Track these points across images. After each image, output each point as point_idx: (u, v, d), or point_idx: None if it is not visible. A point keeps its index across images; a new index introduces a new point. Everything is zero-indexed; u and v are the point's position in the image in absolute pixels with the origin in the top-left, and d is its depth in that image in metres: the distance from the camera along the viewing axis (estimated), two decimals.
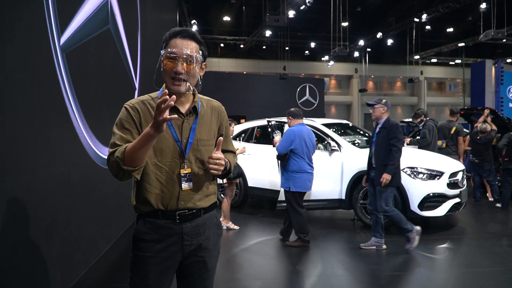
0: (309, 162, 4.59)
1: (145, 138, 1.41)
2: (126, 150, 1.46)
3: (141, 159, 1.47)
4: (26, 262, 2.52)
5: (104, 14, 4.01)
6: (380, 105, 4.41)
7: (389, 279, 3.62)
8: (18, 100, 2.39)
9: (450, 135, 7.03)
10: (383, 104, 4.41)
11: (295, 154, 4.54)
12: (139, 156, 1.45)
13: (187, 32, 1.61)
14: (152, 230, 1.61)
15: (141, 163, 1.49)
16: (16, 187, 2.36)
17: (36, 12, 2.61)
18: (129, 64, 5.16)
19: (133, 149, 1.44)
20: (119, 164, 1.46)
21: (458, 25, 26.91)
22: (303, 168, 4.53)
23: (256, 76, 21.38)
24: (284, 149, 4.56)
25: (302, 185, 4.52)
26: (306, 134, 4.62)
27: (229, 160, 1.76)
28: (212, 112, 1.74)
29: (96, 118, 3.79)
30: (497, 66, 15.17)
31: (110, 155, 1.51)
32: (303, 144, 4.55)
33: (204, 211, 1.69)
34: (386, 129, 4.33)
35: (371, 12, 24.90)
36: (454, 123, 7.17)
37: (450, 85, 35.81)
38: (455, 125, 7.11)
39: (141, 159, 1.47)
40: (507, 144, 6.51)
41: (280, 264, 4.16)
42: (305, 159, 4.56)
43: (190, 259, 1.67)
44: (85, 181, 3.53)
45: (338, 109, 33.39)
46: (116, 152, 1.48)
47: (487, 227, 5.63)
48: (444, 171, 5.12)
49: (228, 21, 26.09)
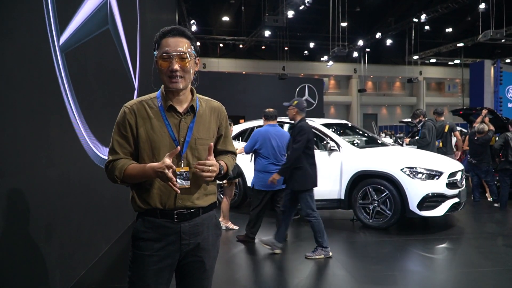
0: (275, 162, 4.61)
1: (145, 174, 1.56)
2: (125, 173, 1.59)
3: (138, 181, 1.63)
4: (25, 262, 2.52)
5: (103, 14, 4.01)
6: (292, 107, 4.33)
7: (388, 279, 3.62)
8: (18, 100, 2.39)
9: (444, 133, 7.06)
10: (294, 106, 4.31)
11: (259, 154, 4.68)
12: (136, 180, 1.62)
13: (177, 30, 1.63)
14: (150, 229, 1.62)
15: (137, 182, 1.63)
16: (15, 187, 2.36)
17: (35, 12, 2.61)
18: (129, 64, 5.16)
19: (131, 176, 1.60)
20: (116, 180, 1.61)
21: (457, 25, 26.95)
22: (267, 169, 4.60)
23: (255, 76, 21.39)
24: (248, 149, 4.78)
25: (263, 184, 4.60)
26: (273, 135, 4.68)
27: (226, 162, 1.76)
28: (212, 112, 1.75)
29: (96, 118, 3.79)
30: (496, 66, 15.20)
31: (109, 163, 1.63)
32: (268, 145, 4.63)
33: (203, 211, 1.69)
34: (293, 130, 4.28)
35: (370, 12, 24.93)
36: (445, 121, 7.21)
37: (449, 85, 35.87)
38: (447, 123, 7.15)
39: (137, 181, 1.62)
40: (503, 144, 6.53)
41: (279, 264, 4.16)
42: (271, 159, 4.63)
43: (188, 258, 1.68)
44: (84, 181, 3.53)
45: (337, 109, 33.43)
46: (116, 169, 1.60)
47: (486, 227, 5.64)
48: (443, 171, 5.13)
49: (227, 21, 26.10)
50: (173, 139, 1.63)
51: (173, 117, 1.65)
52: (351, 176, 5.38)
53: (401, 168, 5.09)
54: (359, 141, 6.62)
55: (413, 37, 24.33)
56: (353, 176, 5.37)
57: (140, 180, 1.60)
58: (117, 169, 1.59)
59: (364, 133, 7.00)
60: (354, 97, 32.28)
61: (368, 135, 6.93)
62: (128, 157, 1.64)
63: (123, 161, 1.61)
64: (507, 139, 6.49)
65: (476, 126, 6.98)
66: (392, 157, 5.45)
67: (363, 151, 5.69)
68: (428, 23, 22.19)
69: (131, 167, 1.59)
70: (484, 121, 7.23)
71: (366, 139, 6.85)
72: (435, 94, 35.72)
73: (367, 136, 6.92)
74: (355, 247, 4.64)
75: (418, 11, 21.11)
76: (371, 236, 4.99)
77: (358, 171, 5.33)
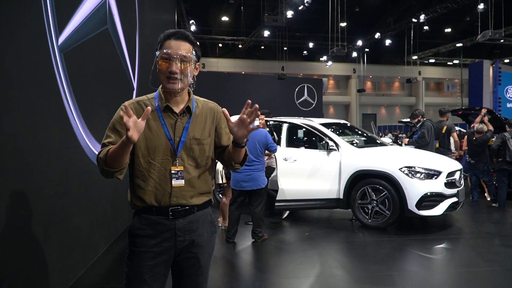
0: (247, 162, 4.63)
1: (121, 143, 1.49)
2: (108, 152, 1.55)
3: (120, 162, 1.54)
4: (24, 262, 2.52)
5: (102, 14, 4.01)
6: None
7: (387, 279, 3.63)
8: (16, 100, 2.39)
9: (442, 134, 7.09)
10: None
11: None
12: (118, 159, 1.53)
13: (180, 34, 1.67)
14: (146, 226, 1.66)
15: (121, 166, 1.56)
16: (14, 187, 2.37)
17: (34, 12, 2.62)
18: (127, 64, 5.16)
19: (113, 152, 1.53)
20: (101, 164, 1.57)
21: (456, 25, 26.98)
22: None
23: (255, 76, 21.38)
24: None
25: (234, 183, 4.68)
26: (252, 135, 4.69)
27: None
28: (208, 113, 1.78)
29: (94, 118, 3.79)
30: (494, 67, 15.23)
31: (98, 154, 1.61)
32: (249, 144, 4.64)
33: (198, 208, 1.72)
34: None
35: (369, 13, 24.93)
36: (445, 122, 7.24)
37: (448, 86, 35.89)
38: (446, 124, 7.19)
39: (119, 162, 1.54)
40: (500, 144, 6.53)
41: (278, 264, 4.16)
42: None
43: (184, 255, 1.71)
44: (83, 181, 3.53)
45: (336, 109, 33.43)
46: (100, 153, 1.58)
47: (484, 227, 5.65)
48: (442, 171, 5.14)
49: (226, 21, 26.10)
50: (169, 139, 1.66)
51: (169, 118, 1.68)
52: (349, 176, 5.39)
53: (400, 167, 5.10)
54: (358, 141, 6.62)
55: (412, 37, 24.36)
56: (351, 176, 5.37)
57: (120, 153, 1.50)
58: (101, 153, 1.57)
59: (363, 133, 7.01)
60: (353, 97, 32.29)
61: (367, 135, 6.93)
62: None
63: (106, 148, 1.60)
64: (504, 139, 6.49)
65: (475, 126, 6.98)
66: (391, 156, 5.46)
67: (362, 151, 5.70)
68: (427, 23, 22.21)
69: (113, 147, 1.56)
70: (484, 121, 7.23)
71: (365, 139, 6.85)
72: (434, 94, 35.75)
73: (366, 136, 6.93)
74: (354, 247, 4.65)
75: (417, 11, 21.11)
76: (369, 236, 5.00)
77: (357, 170, 5.34)
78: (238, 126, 1.62)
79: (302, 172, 5.62)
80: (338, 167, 5.51)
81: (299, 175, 5.62)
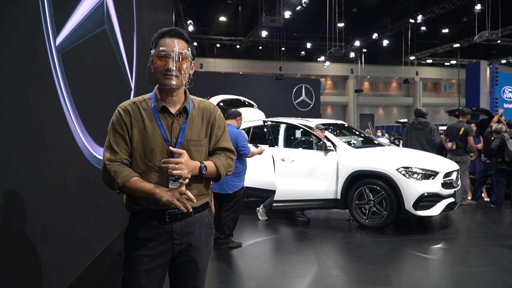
0: None
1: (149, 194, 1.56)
2: (127, 184, 1.57)
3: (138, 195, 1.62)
4: (21, 263, 2.51)
5: (100, 15, 4.00)
6: None
7: (384, 279, 3.64)
8: (14, 101, 2.38)
9: (459, 136, 6.83)
10: None
11: None
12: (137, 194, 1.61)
13: (175, 32, 1.65)
14: (142, 229, 1.63)
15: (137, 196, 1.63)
16: (11, 187, 2.36)
17: (31, 13, 2.61)
18: (125, 65, 5.15)
19: (135, 189, 1.58)
20: (114, 186, 1.58)
21: (453, 26, 27.06)
22: None
23: (252, 76, 21.36)
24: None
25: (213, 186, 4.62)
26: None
27: (215, 162, 1.71)
28: (204, 113, 1.75)
29: (92, 118, 3.78)
30: (491, 67, 15.26)
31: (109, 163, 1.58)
32: None
33: (195, 211, 1.69)
34: None
35: (366, 13, 24.99)
36: (463, 124, 6.94)
37: (445, 86, 35.98)
38: (464, 126, 6.87)
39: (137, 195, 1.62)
40: (500, 144, 6.54)
41: (275, 265, 4.17)
42: None
43: (181, 258, 1.69)
44: (80, 182, 3.53)
45: (334, 110, 33.46)
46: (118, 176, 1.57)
47: (481, 227, 5.67)
48: (439, 171, 5.16)
49: (224, 22, 26.10)
50: (165, 140, 1.64)
51: (165, 118, 1.66)
52: (347, 176, 5.40)
53: (397, 168, 5.11)
54: (356, 141, 6.64)
55: (409, 38, 24.40)
56: (349, 176, 5.38)
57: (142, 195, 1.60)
58: (119, 177, 1.56)
59: (361, 133, 7.03)
60: (350, 97, 32.32)
61: (364, 136, 6.95)
62: (127, 157, 1.63)
63: (126, 170, 1.59)
64: (503, 139, 6.51)
65: (494, 126, 6.84)
66: (388, 157, 5.48)
67: (359, 151, 5.72)
68: (425, 23, 22.27)
69: (134, 180, 1.58)
70: (501, 120, 7.15)
71: (363, 139, 6.87)
72: (431, 94, 35.84)
73: (364, 136, 6.95)
74: (351, 247, 4.66)
75: (415, 12, 21.17)
76: (367, 236, 5.01)
77: (354, 171, 5.35)
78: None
79: (299, 173, 5.63)
80: (335, 167, 5.52)
81: (297, 176, 5.62)
